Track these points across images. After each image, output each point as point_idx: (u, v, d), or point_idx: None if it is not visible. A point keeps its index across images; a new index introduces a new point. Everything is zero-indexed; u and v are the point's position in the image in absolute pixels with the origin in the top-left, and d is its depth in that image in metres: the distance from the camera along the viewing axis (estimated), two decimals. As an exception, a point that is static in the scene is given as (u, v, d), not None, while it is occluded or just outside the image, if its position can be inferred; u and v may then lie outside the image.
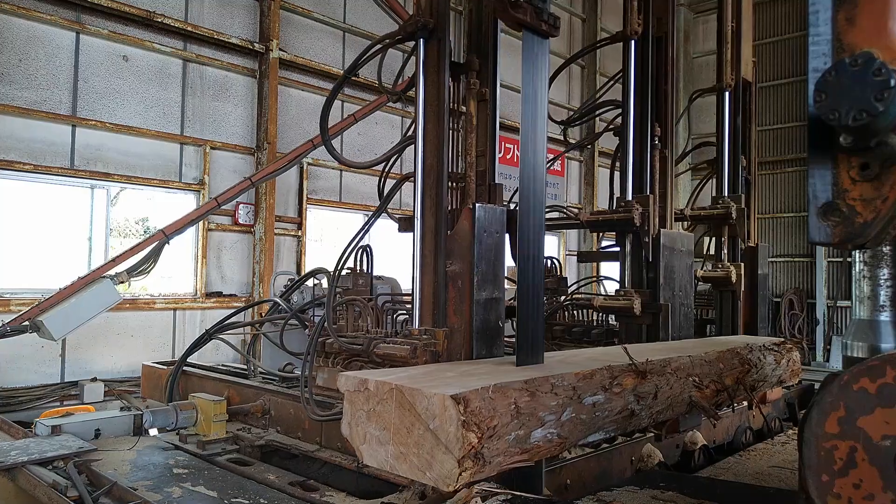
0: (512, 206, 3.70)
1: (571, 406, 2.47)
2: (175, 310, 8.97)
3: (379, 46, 3.69)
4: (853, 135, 1.38)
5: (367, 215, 9.70)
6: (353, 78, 9.62)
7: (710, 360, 3.47)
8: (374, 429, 2.23)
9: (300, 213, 10.42)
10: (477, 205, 3.34)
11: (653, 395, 2.92)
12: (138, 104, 8.60)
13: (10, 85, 7.46)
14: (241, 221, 9.58)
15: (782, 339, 4.36)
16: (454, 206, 3.49)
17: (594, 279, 7.45)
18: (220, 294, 9.38)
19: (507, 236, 3.57)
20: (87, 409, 6.30)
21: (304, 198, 10.44)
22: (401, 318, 4.14)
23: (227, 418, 3.94)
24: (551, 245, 15.03)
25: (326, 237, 11.23)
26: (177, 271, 9.17)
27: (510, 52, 5.17)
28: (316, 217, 10.85)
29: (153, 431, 3.91)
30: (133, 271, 7.19)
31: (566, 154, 14.73)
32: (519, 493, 2.76)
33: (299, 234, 10.36)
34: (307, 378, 3.66)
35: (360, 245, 4.12)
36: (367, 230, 3.83)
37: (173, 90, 8.98)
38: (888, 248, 1.91)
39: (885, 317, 1.92)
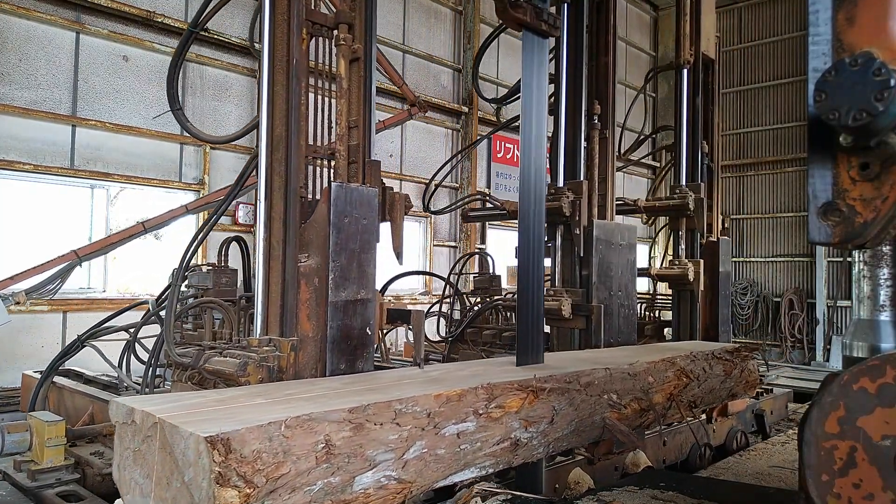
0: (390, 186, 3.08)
1: (424, 439, 1.97)
2: (175, 310, 8.96)
3: None
4: (853, 135, 1.37)
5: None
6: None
7: (634, 374, 2.94)
8: (139, 475, 1.72)
9: (300, 212, 10.41)
10: (334, 184, 2.79)
11: (548, 419, 2.44)
12: (138, 104, 8.60)
13: (9, 85, 7.45)
14: (240, 221, 9.57)
15: (737, 346, 3.93)
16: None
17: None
18: (220, 294, 9.37)
19: (384, 224, 3.02)
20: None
21: (304, 198, 10.42)
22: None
23: (67, 441, 3.38)
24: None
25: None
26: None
27: (510, 52, 5.19)
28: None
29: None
30: (34, 292, 6.61)
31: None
32: (519, 493, 2.75)
33: (299, 233, 10.36)
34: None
35: (208, 235, 3.44)
36: (217, 219, 3.30)
37: (173, 90, 8.97)
38: (888, 247, 1.90)
39: (885, 317, 1.92)
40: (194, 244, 3.25)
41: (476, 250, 5.85)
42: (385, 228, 3.07)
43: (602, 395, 2.71)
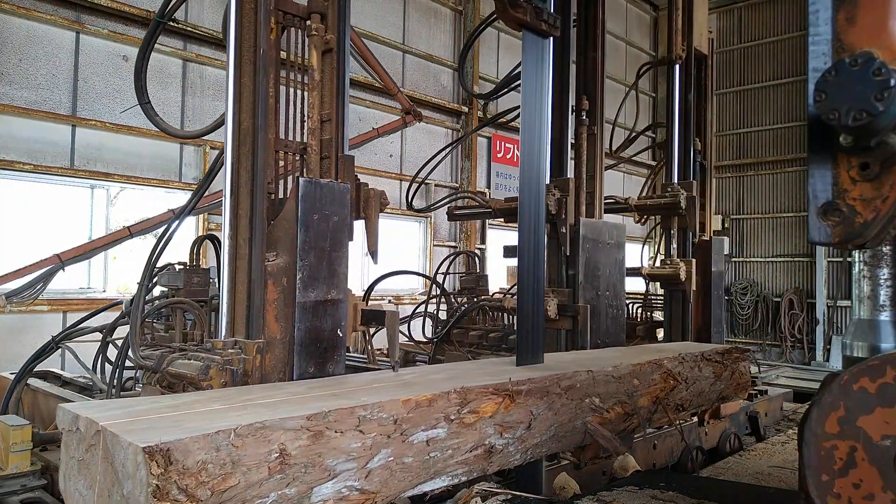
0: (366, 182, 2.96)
1: (390, 446, 1.88)
2: (175, 310, 8.95)
3: None
4: (853, 135, 1.37)
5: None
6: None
7: (619, 376, 2.84)
8: (83, 486, 1.63)
9: (300, 212, 10.40)
10: (302, 179, 2.67)
11: (525, 424, 2.34)
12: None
13: (9, 85, 7.45)
14: (241, 221, 9.58)
15: (729, 347, 3.86)
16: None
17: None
18: (220, 294, 9.36)
19: (359, 222, 2.90)
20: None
21: (304, 198, 10.41)
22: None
23: (33, 447, 3.17)
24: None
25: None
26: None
27: (510, 52, 5.19)
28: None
29: None
30: (15, 296, 6.49)
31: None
32: (519, 494, 2.75)
33: (299, 233, 10.34)
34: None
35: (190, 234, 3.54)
36: (186, 215, 3.19)
37: (173, 90, 8.97)
38: (888, 247, 1.90)
39: (885, 316, 1.92)
40: (161, 244, 3.13)
41: (471, 250, 5.79)
42: (362, 227, 2.99)
43: (584, 398, 2.61)
